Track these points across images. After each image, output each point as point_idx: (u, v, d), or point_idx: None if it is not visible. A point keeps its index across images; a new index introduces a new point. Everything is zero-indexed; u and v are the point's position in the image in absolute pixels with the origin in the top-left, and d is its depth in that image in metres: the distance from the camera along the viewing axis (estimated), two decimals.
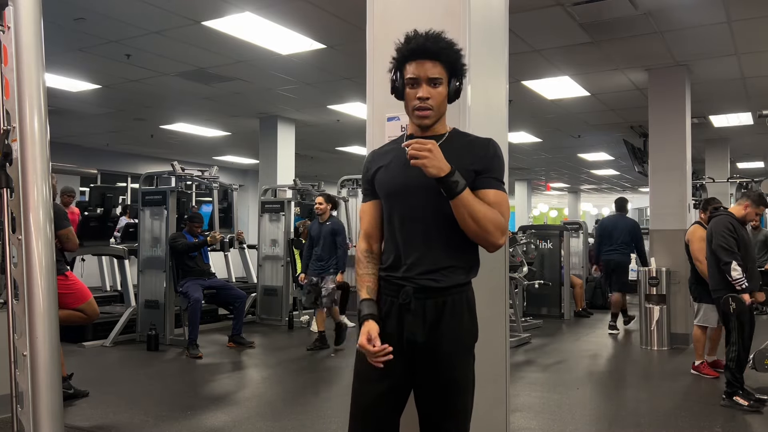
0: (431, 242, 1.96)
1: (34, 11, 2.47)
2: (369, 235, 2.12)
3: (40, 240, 2.48)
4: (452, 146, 1.97)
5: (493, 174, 1.97)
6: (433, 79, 1.94)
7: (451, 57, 1.96)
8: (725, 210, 4.97)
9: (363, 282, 2.07)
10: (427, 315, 1.95)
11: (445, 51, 1.95)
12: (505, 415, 2.72)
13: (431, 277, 1.95)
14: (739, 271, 4.52)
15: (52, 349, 2.50)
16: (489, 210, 1.90)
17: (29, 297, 2.45)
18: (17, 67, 2.43)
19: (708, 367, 5.53)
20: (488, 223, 1.89)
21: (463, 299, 1.98)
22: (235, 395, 5.09)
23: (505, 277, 2.77)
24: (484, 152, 1.99)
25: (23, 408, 2.45)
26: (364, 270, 2.08)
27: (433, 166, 1.82)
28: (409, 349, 1.96)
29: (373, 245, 2.11)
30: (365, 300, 2.03)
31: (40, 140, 2.48)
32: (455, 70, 1.98)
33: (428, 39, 1.94)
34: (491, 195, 1.94)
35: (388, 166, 2.05)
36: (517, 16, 5.61)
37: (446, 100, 2.00)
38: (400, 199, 2.01)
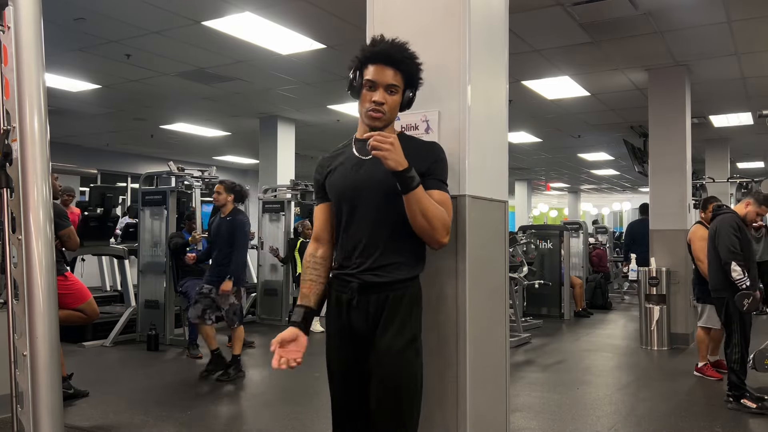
0: (377, 240, 2.03)
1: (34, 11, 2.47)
2: (318, 238, 2.20)
3: (40, 240, 2.48)
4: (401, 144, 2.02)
5: (437, 176, 2.05)
6: (390, 86, 2.02)
7: (411, 68, 2.05)
8: (729, 208, 4.93)
9: (304, 287, 2.17)
10: (369, 310, 2.02)
11: (407, 61, 2.03)
12: (505, 415, 2.72)
13: (375, 273, 2.01)
14: (739, 271, 4.50)
15: (52, 349, 2.50)
16: (438, 209, 1.97)
17: (29, 297, 2.45)
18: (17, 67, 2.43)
19: (711, 369, 5.52)
20: (437, 221, 1.95)
21: (406, 294, 2.03)
22: (234, 395, 5.09)
23: (505, 277, 2.77)
24: (429, 155, 2.06)
25: (23, 408, 2.45)
26: (305, 275, 2.17)
27: (393, 159, 1.87)
28: (358, 343, 2.04)
29: (319, 249, 2.18)
30: (297, 306, 2.14)
31: (40, 140, 2.48)
32: (412, 82, 2.07)
33: (393, 47, 2.01)
34: (436, 195, 2.01)
35: (338, 169, 2.11)
36: (517, 16, 5.61)
37: (398, 108, 2.07)
38: (349, 198, 2.07)
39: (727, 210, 4.88)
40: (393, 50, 2.01)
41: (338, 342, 2.10)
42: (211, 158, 15.39)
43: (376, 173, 2.00)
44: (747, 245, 4.67)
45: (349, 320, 2.05)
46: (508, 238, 2.83)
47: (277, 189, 9.88)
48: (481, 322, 2.45)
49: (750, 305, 4.42)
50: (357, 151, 2.10)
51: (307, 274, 2.15)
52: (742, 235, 4.64)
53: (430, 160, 2.04)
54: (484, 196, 2.51)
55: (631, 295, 12.42)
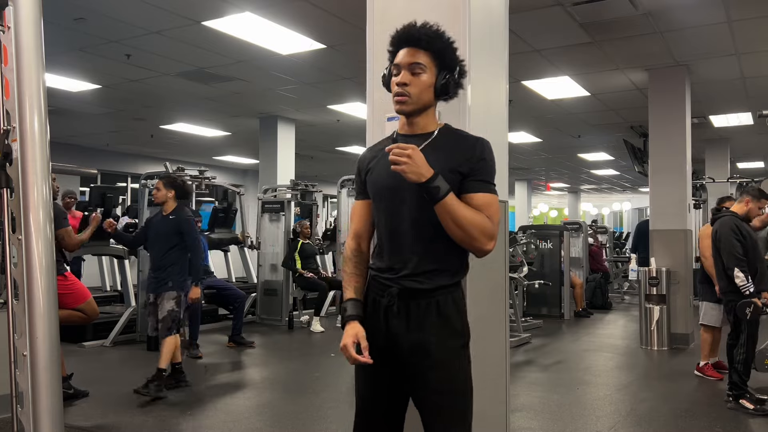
0: (415, 245, 1.93)
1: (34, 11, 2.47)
2: (359, 235, 2.10)
3: (40, 240, 2.48)
4: (440, 145, 1.93)
5: (479, 176, 1.90)
6: (414, 65, 1.89)
7: (436, 45, 1.90)
8: (728, 210, 4.94)
9: (350, 281, 2.05)
10: (411, 317, 1.92)
11: (429, 38, 1.90)
12: (505, 415, 2.72)
13: (416, 279, 1.92)
14: (742, 277, 4.48)
15: (52, 349, 2.49)
16: (475, 215, 1.85)
17: (29, 297, 2.45)
18: (17, 67, 2.43)
19: (711, 369, 5.52)
20: (473, 229, 1.84)
21: (449, 300, 1.93)
22: (234, 395, 5.09)
23: (505, 277, 2.77)
24: (471, 154, 1.91)
25: (23, 408, 2.45)
26: (352, 270, 2.06)
27: (413, 171, 1.78)
28: (395, 349, 1.95)
29: (362, 244, 2.09)
30: (351, 300, 2.02)
31: (40, 140, 2.48)
32: (444, 61, 1.92)
33: (414, 26, 1.92)
34: (478, 199, 1.88)
35: (377, 167, 2.01)
36: (517, 16, 5.60)
37: (430, 91, 1.92)
38: (386, 201, 1.98)
39: (726, 212, 4.87)
40: (414, 30, 1.91)
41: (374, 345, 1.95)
42: (211, 158, 15.39)
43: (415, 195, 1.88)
44: (752, 245, 4.65)
45: (387, 326, 1.95)
46: (508, 238, 2.83)
47: (277, 189, 9.88)
48: (481, 322, 2.45)
49: (752, 313, 4.43)
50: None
51: (356, 268, 2.06)
52: (745, 236, 4.63)
53: (473, 160, 1.90)
54: None
55: (631, 295, 12.42)
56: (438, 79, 1.91)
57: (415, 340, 1.91)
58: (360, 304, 2.01)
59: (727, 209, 5.02)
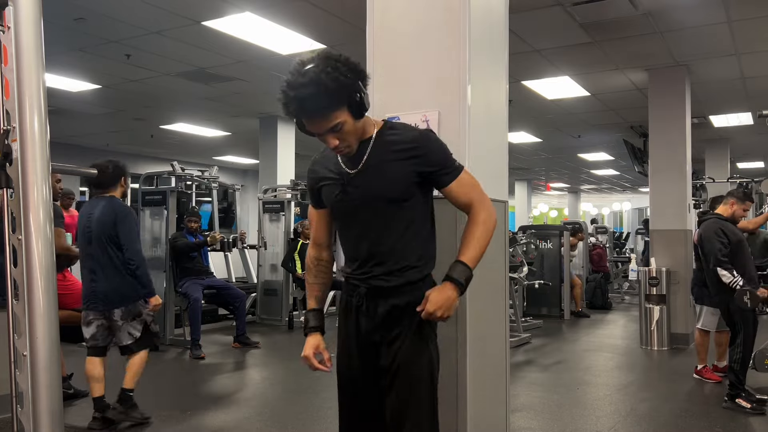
0: (382, 248, 1.96)
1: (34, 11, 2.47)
2: (319, 244, 2.14)
3: (40, 240, 2.48)
4: (384, 146, 1.93)
5: (445, 168, 1.95)
6: (329, 131, 1.84)
7: (326, 100, 1.78)
8: (712, 213, 4.98)
9: (311, 291, 2.13)
10: (378, 314, 1.97)
11: (316, 101, 1.78)
12: (505, 415, 2.72)
13: (383, 278, 1.96)
14: (727, 274, 4.55)
15: (52, 349, 2.49)
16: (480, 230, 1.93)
17: (29, 297, 2.45)
18: (17, 67, 2.42)
19: (710, 372, 5.52)
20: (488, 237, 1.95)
21: (418, 296, 1.94)
22: (235, 395, 5.09)
23: (505, 277, 2.77)
24: (424, 151, 1.92)
25: (23, 408, 2.45)
26: (313, 279, 2.13)
27: (452, 308, 1.87)
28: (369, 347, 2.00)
29: (323, 253, 2.14)
30: (312, 311, 2.11)
31: (40, 140, 2.48)
32: (343, 97, 1.81)
33: (304, 100, 1.77)
34: (455, 187, 1.95)
35: (330, 183, 2.01)
36: (517, 16, 5.60)
37: (357, 125, 1.88)
38: (348, 213, 2.01)
39: (711, 215, 4.93)
40: (307, 104, 1.78)
41: (348, 346, 2.04)
42: (211, 158, 15.38)
43: (372, 187, 1.92)
44: (738, 245, 4.70)
45: (358, 325, 2.01)
46: (508, 238, 2.83)
47: (277, 189, 9.88)
48: (481, 322, 2.45)
49: (752, 300, 4.43)
50: (344, 164, 1.98)
51: (317, 277, 2.13)
52: (729, 237, 4.68)
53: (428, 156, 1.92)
54: None
55: (631, 295, 12.42)
56: (354, 113, 1.85)
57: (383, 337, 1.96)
58: (321, 314, 2.12)
59: (704, 213, 5.12)
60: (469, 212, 1.97)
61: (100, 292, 4.03)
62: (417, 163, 1.91)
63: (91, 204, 4.27)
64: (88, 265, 4.11)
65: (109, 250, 4.04)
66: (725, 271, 4.56)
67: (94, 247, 4.07)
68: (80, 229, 4.16)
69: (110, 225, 4.05)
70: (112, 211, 4.11)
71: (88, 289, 4.07)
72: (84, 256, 4.15)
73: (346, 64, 1.83)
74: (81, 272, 4.21)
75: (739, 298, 4.47)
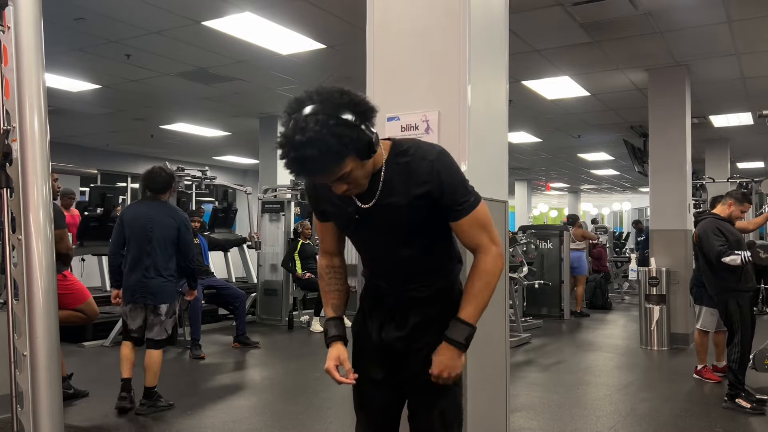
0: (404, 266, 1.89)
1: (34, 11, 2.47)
2: (329, 252, 2.03)
3: (40, 240, 2.48)
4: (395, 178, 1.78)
5: (456, 204, 1.78)
6: (337, 180, 1.67)
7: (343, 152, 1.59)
8: (709, 213, 5.00)
9: (327, 300, 2.01)
10: (409, 325, 1.90)
11: (332, 159, 1.59)
12: (505, 415, 2.72)
13: (413, 290, 1.90)
14: (733, 256, 4.52)
15: (52, 349, 2.50)
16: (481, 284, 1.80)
17: (29, 297, 2.45)
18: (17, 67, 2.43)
19: (710, 372, 5.52)
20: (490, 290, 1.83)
21: (448, 303, 1.90)
22: (235, 395, 5.09)
23: (505, 277, 2.77)
24: (432, 180, 1.75)
25: (23, 408, 2.45)
26: (327, 286, 2.01)
27: (457, 367, 1.82)
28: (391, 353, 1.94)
29: (334, 260, 2.03)
30: (332, 319, 1.98)
31: (40, 140, 2.48)
32: (354, 148, 1.62)
33: (306, 162, 1.57)
34: (465, 226, 1.80)
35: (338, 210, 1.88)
36: (517, 16, 5.60)
37: (366, 166, 1.70)
38: (361, 241, 1.94)
39: (707, 215, 4.95)
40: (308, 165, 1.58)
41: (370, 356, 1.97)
42: (211, 158, 15.39)
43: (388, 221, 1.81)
44: (737, 245, 4.72)
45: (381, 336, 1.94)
46: (508, 238, 2.83)
47: (277, 189, 9.88)
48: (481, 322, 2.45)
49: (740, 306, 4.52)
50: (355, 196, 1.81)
51: (331, 285, 2.00)
52: (726, 235, 4.69)
53: (437, 188, 1.75)
54: (484, 196, 2.50)
55: (631, 295, 12.42)
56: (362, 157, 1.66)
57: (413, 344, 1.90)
58: (341, 323, 1.99)
59: (701, 213, 5.13)
60: (475, 256, 1.83)
61: (153, 287, 4.37)
62: (429, 198, 1.77)
63: (147, 206, 4.55)
64: (141, 262, 4.38)
65: (167, 251, 4.42)
66: (730, 256, 4.52)
67: (153, 246, 4.39)
68: (136, 228, 4.44)
69: (173, 229, 4.45)
70: (177, 216, 4.53)
71: (139, 284, 4.37)
72: (137, 253, 4.40)
73: (349, 107, 1.61)
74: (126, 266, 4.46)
75: (756, 255, 4.44)
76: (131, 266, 4.41)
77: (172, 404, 4.55)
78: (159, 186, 4.55)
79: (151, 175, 4.56)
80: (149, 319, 4.42)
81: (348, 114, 1.59)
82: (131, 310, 4.44)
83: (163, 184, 4.56)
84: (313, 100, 1.60)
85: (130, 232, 4.45)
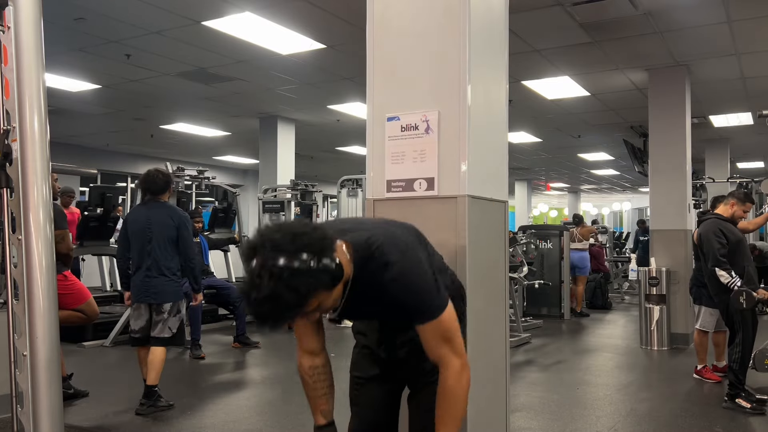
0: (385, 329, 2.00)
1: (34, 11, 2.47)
2: (310, 351, 1.95)
3: (40, 240, 2.48)
4: (361, 294, 1.72)
5: (417, 314, 1.73)
6: (309, 312, 1.59)
7: (304, 298, 1.51)
8: (712, 213, 5.00)
9: (317, 405, 1.95)
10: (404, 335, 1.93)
11: (292, 309, 1.51)
12: (505, 415, 2.72)
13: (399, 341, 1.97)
14: (725, 275, 4.56)
15: (52, 349, 2.50)
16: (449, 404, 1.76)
17: (29, 297, 2.45)
18: (17, 67, 2.43)
19: (710, 372, 5.52)
20: (461, 406, 1.78)
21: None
22: (235, 395, 5.09)
23: (505, 277, 2.77)
24: (395, 298, 1.72)
25: (23, 408, 2.45)
26: (314, 392, 1.95)
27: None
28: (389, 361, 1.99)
29: (316, 360, 1.95)
30: (324, 427, 1.95)
31: (40, 140, 2.48)
32: (316, 290, 1.53)
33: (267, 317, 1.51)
34: (427, 332, 1.75)
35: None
36: (517, 16, 5.60)
37: (333, 292, 1.61)
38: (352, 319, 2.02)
39: (710, 215, 4.95)
40: (272, 318, 1.51)
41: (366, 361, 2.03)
42: (211, 158, 15.39)
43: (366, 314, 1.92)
44: (736, 245, 4.71)
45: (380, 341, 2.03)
46: (508, 238, 2.83)
47: (277, 189, 9.89)
48: (481, 322, 2.45)
49: (747, 301, 4.44)
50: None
51: (319, 389, 1.94)
52: (728, 237, 4.69)
53: (398, 302, 1.72)
54: (484, 196, 2.51)
55: (631, 295, 12.42)
56: (327, 289, 1.57)
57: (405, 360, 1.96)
58: (334, 429, 1.95)
59: (704, 213, 5.15)
60: (439, 370, 1.78)
61: (155, 286, 4.44)
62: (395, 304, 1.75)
63: (147, 207, 4.63)
64: (143, 262, 4.46)
65: (168, 250, 4.48)
66: (723, 272, 4.57)
67: (153, 246, 4.46)
68: (136, 229, 4.52)
69: (172, 228, 4.51)
70: (175, 216, 4.56)
71: (143, 284, 4.45)
72: (139, 254, 4.49)
73: (304, 250, 1.49)
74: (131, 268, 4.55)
75: (735, 299, 4.50)
76: (135, 267, 4.52)
77: (172, 404, 4.56)
78: (157, 188, 4.61)
79: (148, 177, 4.61)
80: (153, 317, 4.49)
81: (303, 256, 1.48)
82: (135, 309, 4.52)
83: (162, 185, 4.61)
84: (265, 248, 1.49)
85: (132, 235, 4.54)
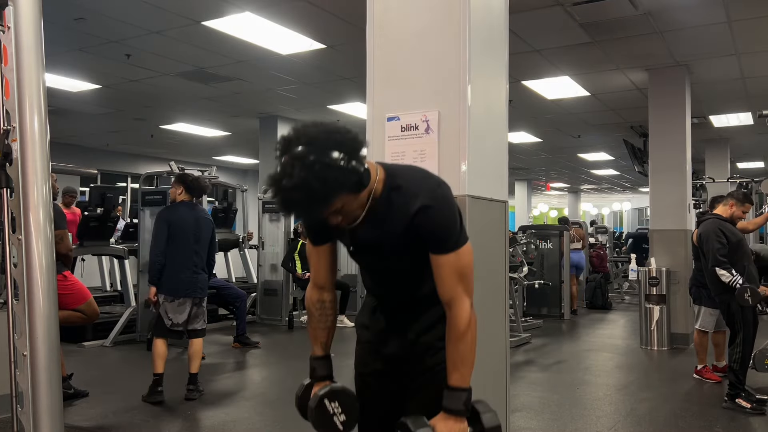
0: (405, 286, 1.89)
1: (34, 11, 2.47)
2: (320, 285, 1.97)
3: (40, 240, 2.48)
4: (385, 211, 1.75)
5: (439, 243, 1.73)
6: (333, 213, 1.66)
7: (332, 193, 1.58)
8: (711, 214, 5.00)
9: (316, 337, 1.96)
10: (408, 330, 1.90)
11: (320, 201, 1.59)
12: (505, 415, 2.72)
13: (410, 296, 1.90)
14: (726, 273, 4.56)
15: (52, 349, 2.50)
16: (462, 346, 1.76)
17: (29, 297, 2.45)
18: (17, 67, 2.43)
19: (710, 372, 5.52)
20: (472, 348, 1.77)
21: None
22: (235, 395, 5.09)
23: (505, 277, 2.77)
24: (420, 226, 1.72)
25: (23, 408, 2.45)
26: (317, 323, 1.96)
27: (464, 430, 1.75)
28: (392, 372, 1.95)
29: (324, 295, 1.96)
30: (320, 359, 1.95)
31: (40, 140, 2.48)
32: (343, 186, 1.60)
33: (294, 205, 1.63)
34: (444, 265, 1.74)
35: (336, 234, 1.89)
36: (517, 16, 5.60)
37: (357, 198, 1.67)
38: (357, 258, 1.92)
39: (709, 216, 4.95)
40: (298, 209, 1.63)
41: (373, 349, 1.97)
42: (211, 158, 15.38)
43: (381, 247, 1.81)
44: (736, 245, 4.72)
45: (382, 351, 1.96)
46: (508, 238, 2.83)
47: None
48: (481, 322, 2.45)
49: (753, 297, 4.44)
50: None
51: (322, 322, 1.95)
52: (728, 237, 4.69)
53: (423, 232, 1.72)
54: (484, 196, 2.51)
55: (631, 295, 12.42)
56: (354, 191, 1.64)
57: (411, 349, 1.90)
58: (329, 362, 1.95)
59: (703, 213, 5.16)
60: (448, 313, 1.77)
61: (201, 282, 4.85)
62: (418, 234, 1.75)
63: (189, 208, 4.92)
64: (189, 260, 4.79)
65: (206, 248, 4.93)
66: (724, 271, 4.57)
67: (201, 245, 4.87)
68: (184, 228, 4.81)
69: (211, 229, 5.01)
70: (210, 217, 5.09)
71: (191, 280, 4.77)
72: (184, 252, 4.78)
73: (336, 146, 1.58)
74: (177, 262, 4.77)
75: (740, 295, 4.48)
76: (180, 264, 4.74)
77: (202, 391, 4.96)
78: (201, 191, 5.07)
79: (198, 182, 5.02)
80: (193, 311, 4.80)
81: (335, 153, 1.56)
82: (179, 304, 4.73)
83: (204, 189, 5.10)
84: (300, 141, 1.60)
85: (177, 233, 4.76)
